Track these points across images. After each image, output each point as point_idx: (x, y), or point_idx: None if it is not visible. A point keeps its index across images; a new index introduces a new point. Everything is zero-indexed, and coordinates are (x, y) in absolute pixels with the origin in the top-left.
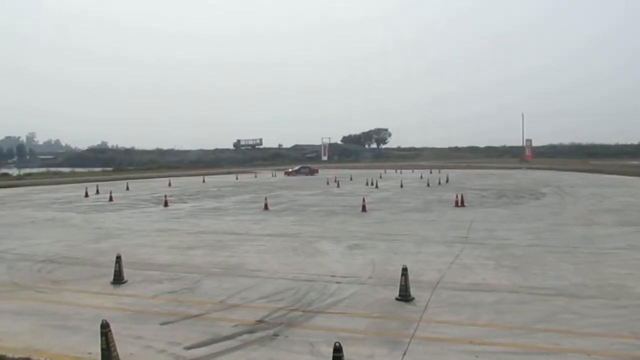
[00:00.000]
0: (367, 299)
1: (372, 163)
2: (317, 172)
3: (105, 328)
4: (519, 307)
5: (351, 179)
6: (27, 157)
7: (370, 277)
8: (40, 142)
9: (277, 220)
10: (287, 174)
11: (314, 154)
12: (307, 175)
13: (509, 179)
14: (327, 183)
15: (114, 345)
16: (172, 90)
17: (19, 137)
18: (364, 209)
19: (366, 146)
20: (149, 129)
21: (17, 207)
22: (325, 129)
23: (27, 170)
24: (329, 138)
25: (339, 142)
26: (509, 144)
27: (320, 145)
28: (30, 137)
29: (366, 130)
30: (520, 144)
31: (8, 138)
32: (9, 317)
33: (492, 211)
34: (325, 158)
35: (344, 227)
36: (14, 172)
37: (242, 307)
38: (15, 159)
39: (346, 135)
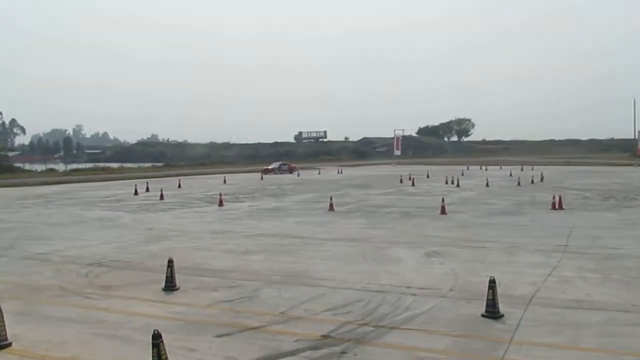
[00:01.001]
0: (448, 314)
1: (453, 158)
2: (296, 169)
3: (157, 339)
4: (632, 329)
5: (428, 177)
6: (74, 151)
7: (451, 290)
8: (88, 135)
9: (344, 222)
10: (267, 172)
11: (385, 148)
12: (289, 172)
13: (618, 178)
14: (401, 181)
15: (167, 358)
16: (226, 80)
17: (65, 130)
18: (443, 211)
19: (445, 139)
20: (203, 121)
21: (64, 205)
22: (399, 120)
23: (74, 166)
24: (403, 130)
25: (414, 135)
26: (617, 136)
27: (393, 138)
28: (77, 130)
29: (445, 120)
30: (632, 136)
31: (54, 131)
32: (56, 324)
33: (597, 215)
34: (398, 152)
35: (421, 232)
36: (61, 167)
37: (305, 319)
38: (61, 153)
39: (422, 126)
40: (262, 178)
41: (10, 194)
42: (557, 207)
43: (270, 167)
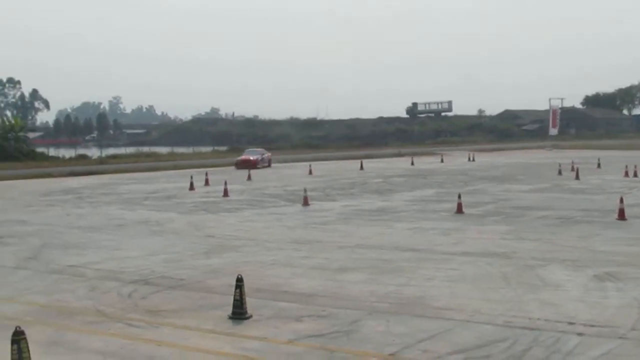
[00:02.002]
0: None
1: (636, 140)
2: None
3: None
4: None
5: (599, 166)
6: (111, 131)
7: (634, 329)
8: (127, 110)
9: (477, 230)
10: (245, 164)
11: (536, 126)
12: (268, 166)
13: None
14: (559, 172)
15: None
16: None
17: (100, 104)
18: (621, 215)
19: (625, 112)
20: (279, 92)
21: (99, 203)
22: (555, 86)
23: (111, 151)
24: (562, 99)
25: (578, 106)
26: None
27: (547, 112)
28: (115, 104)
29: (625, 86)
30: None
31: (86, 104)
32: (93, 359)
33: None
34: (554, 132)
35: (588, 245)
36: (94, 153)
37: None
38: (94, 134)
39: (590, 94)
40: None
41: (31, 188)
42: None
43: (251, 157)
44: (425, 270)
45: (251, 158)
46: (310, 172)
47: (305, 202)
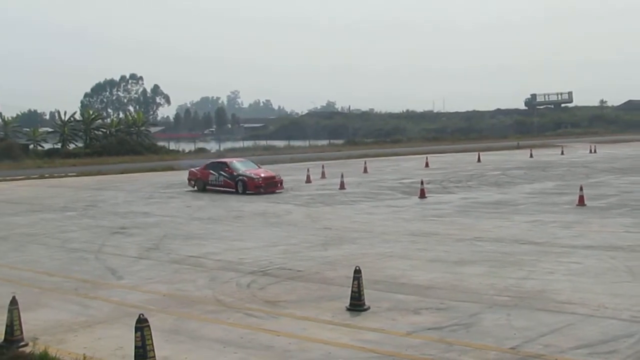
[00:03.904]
0: None
1: None
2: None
3: None
4: None
5: None
6: (229, 125)
7: None
8: (245, 105)
9: (600, 223)
10: (195, 178)
11: None
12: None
13: None
14: None
15: None
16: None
17: (218, 98)
18: None
19: None
20: (394, 82)
21: (218, 196)
22: None
23: (229, 145)
24: None
25: None
26: None
27: None
28: (233, 98)
29: None
30: None
31: (204, 99)
32: (213, 347)
33: None
34: None
35: None
36: (213, 146)
37: (546, 358)
38: (213, 128)
39: None
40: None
41: (153, 180)
42: None
43: (202, 170)
44: (546, 264)
45: (202, 171)
46: (427, 165)
47: (422, 195)
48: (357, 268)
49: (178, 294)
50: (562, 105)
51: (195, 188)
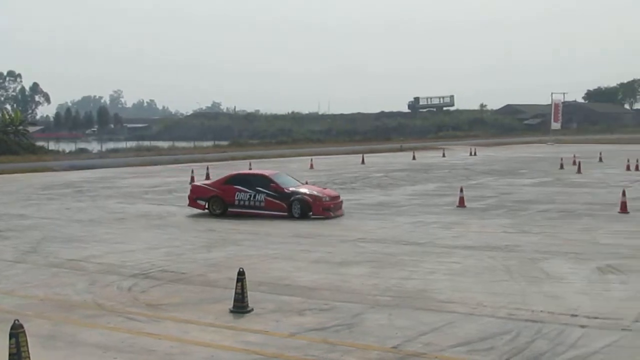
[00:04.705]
0: (634, 355)
1: (637, 135)
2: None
3: None
4: None
5: (601, 160)
6: (111, 125)
7: (637, 320)
8: (129, 104)
9: (479, 224)
10: (209, 197)
11: (538, 120)
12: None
13: None
14: (561, 166)
15: None
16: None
17: (100, 98)
18: (624, 208)
19: (626, 106)
20: (280, 85)
21: (99, 197)
22: (557, 80)
23: (112, 145)
24: (564, 94)
25: (580, 100)
26: None
27: (549, 106)
28: (115, 98)
29: (627, 80)
30: None
31: (86, 99)
32: (93, 353)
33: None
34: (557, 126)
35: (591, 238)
36: (94, 147)
37: (426, 357)
38: (95, 128)
39: (592, 89)
40: None
41: (31, 182)
42: None
43: (221, 185)
44: (427, 264)
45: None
46: (312, 166)
47: None
48: (241, 270)
49: (56, 299)
50: (444, 108)
51: (209, 210)
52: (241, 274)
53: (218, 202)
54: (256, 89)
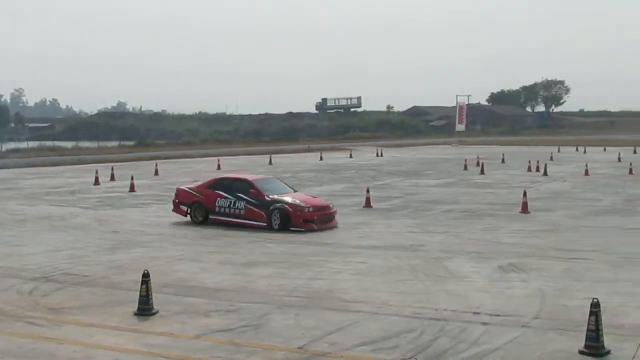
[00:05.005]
0: (533, 351)
1: (538, 136)
2: None
3: None
4: None
5: (503, 161)
6: (12, 125)
7: (537, 317)
8: (31, 104)
9: (385, 223)
10: (191, 202)
11: (443, 122)
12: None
13: None
14: (465, 167)
15: None
16: (222, 25)
17: (1, 96)
18: (524, 208)
19: (528, 109)
20: (188, 84)
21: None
22: (462, 82)
23: (12, 145)
24: (469, 96)
25: (484, 103)
26: None
27: (454, 108)
28: (17, 96)
29: (528, 83)
30: None
31: None
32: None
33: None
34: (461, 127)
35: (493, 237)
36: None
37: (332, 356)
38: None
39: (496, 92)
40: None
41: None
42: None
43: (204, 189)
44: (334, 264)
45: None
46: (219, 167)
47: None
48: (146, 272)
49: None
50: (352, 109)
51: (190, 217)
52: (146, 276)
53: (200, 208)
54: (163, 88)
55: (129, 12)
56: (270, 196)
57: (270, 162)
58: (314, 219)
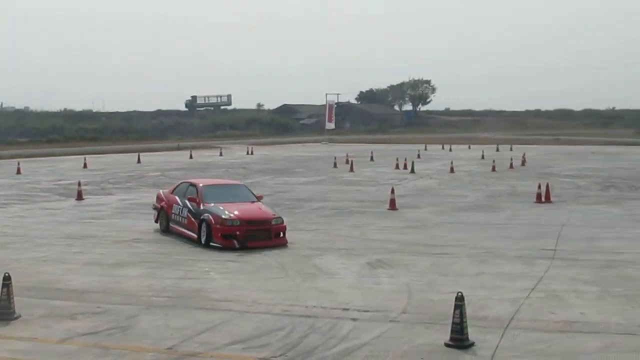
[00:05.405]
0: (401, 345)
1: (406, 134)
2: None
3: None
4: (637, 358)
5: (372, 159)
6: None
7: (404, 312)
8: None
9: None
10: (159, 209)
11: (313, 120)
12: None
13: (620, 161)
14: (335, 165)
15: None
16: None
17: None
18: (392, 205)
19: (396, 108)
20: (52, 78)
21: None
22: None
23: None
24: (338, 95)
25: (354, 102)
26: (620, 106)
27: (324, 106)
28: None
29: (396, 82)
30: (638, 107)
31: None
32: None
33: (594, 210)
34: (331, 126)
35: (362, 234)
36: None
37: (202, 357)
38: None
39: (365, 90)
40: None
41: None
42: (543, 199)
43: (169, 193)
44: (203, 263)
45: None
46: (85, 166)
47: (80, 196)
48: (7, 274)
49: None
50: (222, 107)
51: (159, 225)
52: (7, 279)
53: (163, 215)
54: (26, 85)
55: None
56: (205, 204)
57: (139, 161)
58: (235, 235)
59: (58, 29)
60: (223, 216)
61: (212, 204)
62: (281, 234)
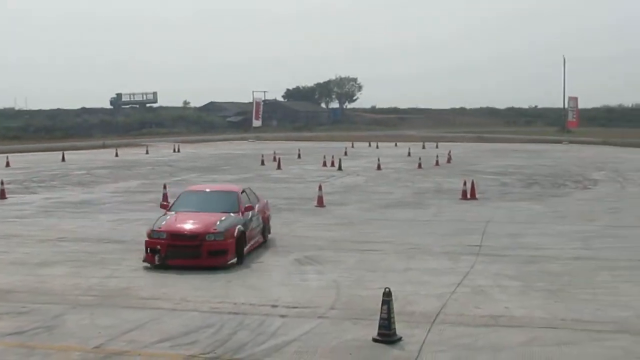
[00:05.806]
0: (329, 340)
1: (333, 132)
2: None
3: None
4: (559, 350)
5: (299, 157)
6: None
7: (332, 308)
8: None
9: None
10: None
11: (240, 118)
12: None
13: (543, 159)
14: (262, 162)
15: None
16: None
17: None
18: (320, 202)
19: (323, 105)
20: None
21: None
22: (258, 78)
23: None
24: (265, 92)
25: (280, 99)
26: (542, 104)
27: (251, 104)
28: None
29: (323, 80)
30: (560, 106)
31: None
32: None
33: (518, 207)
34: (258, 123)
35: (290, 231)
36: None
37: (130, 355)
38: None
39: (292, 87)
40: None
41: None
42: (468, 196)
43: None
44: (130, 262)
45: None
46: (8, 164)
47: (2, 195)
48: None
49: None
50: (148, 105)
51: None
52: None
53: None
54: None
55: None
56: (168, 212)
57: (63, 159)
58: (157, 248)
59: None
60: (154, 227)
61: (173, 212)
62: (225, 253)
